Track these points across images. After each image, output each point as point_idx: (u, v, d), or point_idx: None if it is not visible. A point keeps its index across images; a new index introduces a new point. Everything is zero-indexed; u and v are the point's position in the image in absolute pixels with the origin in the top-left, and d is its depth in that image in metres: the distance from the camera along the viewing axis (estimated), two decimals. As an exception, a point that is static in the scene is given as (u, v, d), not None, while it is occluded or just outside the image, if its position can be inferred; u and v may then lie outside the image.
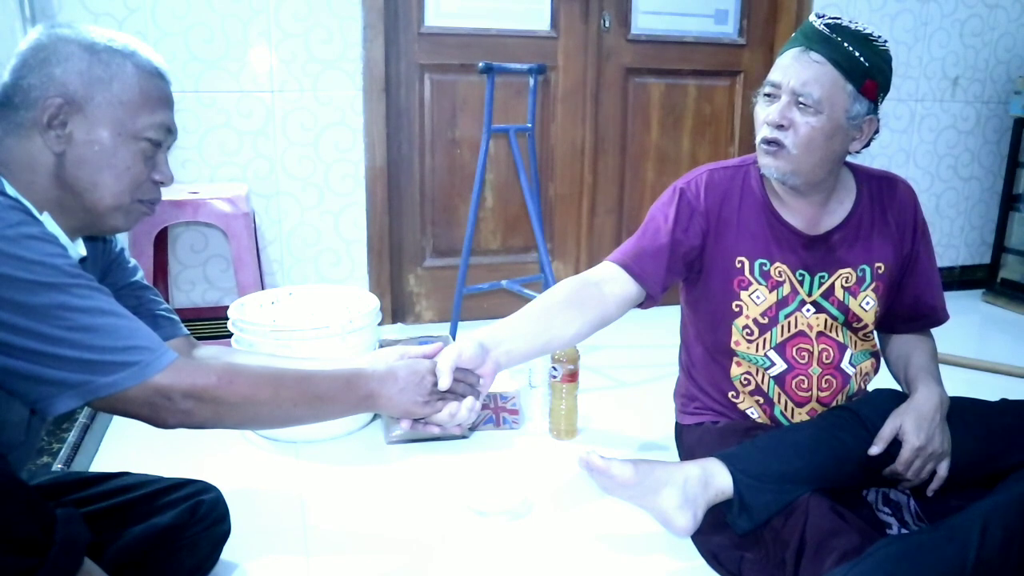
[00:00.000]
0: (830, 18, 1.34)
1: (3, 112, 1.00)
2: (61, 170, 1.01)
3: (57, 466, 1.57)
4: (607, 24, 2.81)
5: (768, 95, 1.36)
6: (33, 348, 0.89)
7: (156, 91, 1.05)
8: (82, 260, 1.10)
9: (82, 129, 1.00)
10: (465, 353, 1.21)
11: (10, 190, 0.97)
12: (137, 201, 1.06)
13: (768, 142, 1.35)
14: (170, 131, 1.08)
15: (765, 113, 1.36)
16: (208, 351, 1.29)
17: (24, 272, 0.89)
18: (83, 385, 0.92)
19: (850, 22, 1.33)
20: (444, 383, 1.17)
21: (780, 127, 1.33)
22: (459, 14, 2.67)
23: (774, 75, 1.36)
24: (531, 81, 2.35)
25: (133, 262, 1.25)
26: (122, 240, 1.21)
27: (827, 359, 1.45)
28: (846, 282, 1.46)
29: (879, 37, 1.33)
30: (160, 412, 0.98)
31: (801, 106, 1.32)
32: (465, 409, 1.19)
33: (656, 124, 2.96)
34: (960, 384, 1.66)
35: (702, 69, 2.96)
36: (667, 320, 1.75)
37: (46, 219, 1.01)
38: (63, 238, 1.03)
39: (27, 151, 1.00)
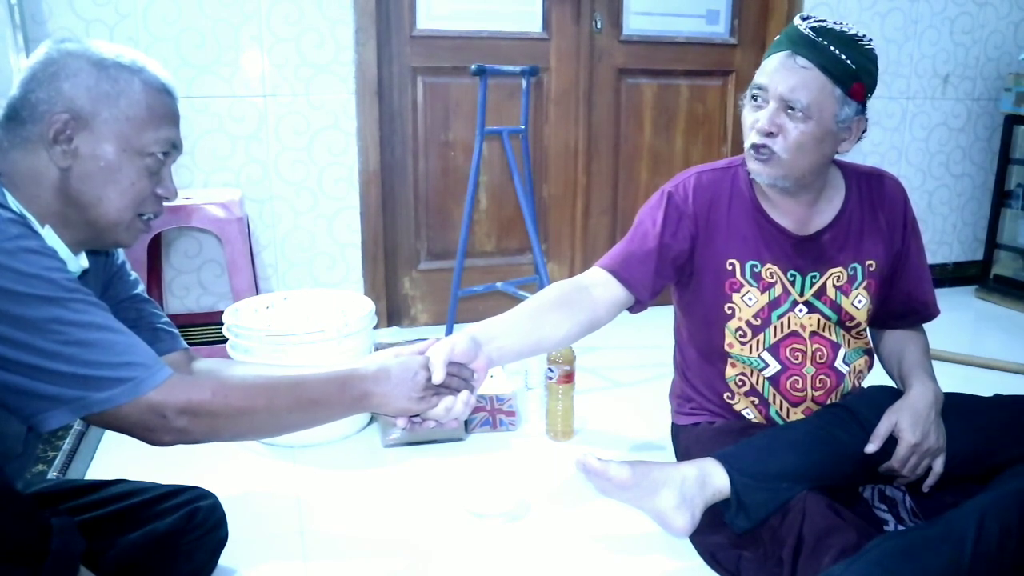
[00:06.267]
0: (815, 21, 1.33)
1: (10, 126, 1.00)
2: (66, 184, 1.01)
3: (53, 474, 1.56)
4: (599, 25, 2.81)
5: (755, 99, 1.36)
6: (28, 362, 0.89)
7: (163, 107, 1.06)
8: (84, 273, 1.10)
9: (88, 144, 1.01)
10: (458, 347, 1.22)
11: (13, 203, 0.98)
12: (139, 216, 1.07)
13: (757, 148, 1.35)
14: (175, 146, 1.09)
15: (753, 118, 1.36)
16: (208, 364, 1.29)
17: (21, 285, 0.89)
18: (77, 400, 0.92)
19: (835, 23, 1.32)
20: (438, 377, 1.17)
21: (769, 134, 1.33)
22: (451, 16, 2.68)
23: (760, 79, 1.35)
24: (524, 83, 2.35)
25: (134, 275, 1.25)
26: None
27: (821, 358, 1.46)
28: (838, 281, 1.46)
29: (864, 36, 1.33)
30: (155, 429, 0.98)
31: (789, 112, 1.32)
32: (460, 403, 1.18)
33: (649, 124, 2.97)
34: (954, 380, 1.67)
35: (694, 69, 2.97)
36: (662, 320, 1.75)
37: (47, 232, 1.01)
38: (64, 252, 1.03)
39: (32, 165, 1.00)
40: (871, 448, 1.34)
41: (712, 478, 1.31)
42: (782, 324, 1.45)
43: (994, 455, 1.34)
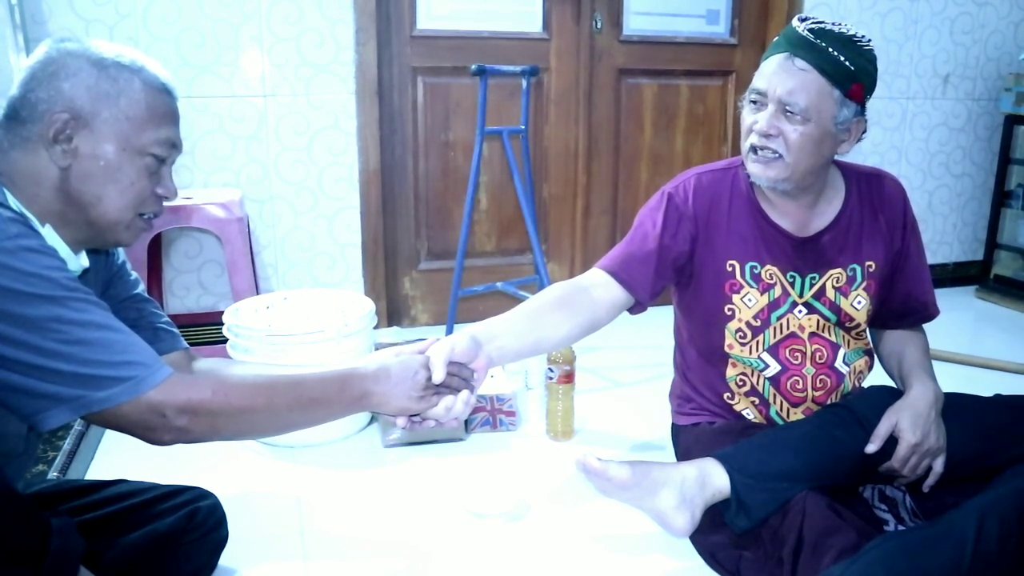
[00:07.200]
0: (813, 22, 1.32)
1: (10, 125, 1.01)
2: (66, 184, 1.01)
3: (53, 474, 1.56)
4: (599, 25, 2.81)
5: (754, 102, 1.36)
6: (28, 361, 0.89)
7: (163, 107, 1.06)
8: (84, 272, 1.10)
9: (88, 144, 1.01)
10: (458, 347, 1.22)
11: (13, 202, 0.98)
12: (140, 216, 1.07)
13: (757, 150, 1.35)
14: (175, 146, 1.09)
15: (752, 120, 1.35)
16: (208, 363, 1.29)
17: (21, 284, 0.89)
18: (77, 400, 0.92)
19: (833, 24, 1.32)
20: (438, 376, 1.17)
21: (768, 136, 1.33)
22: (451, 16, 2.68)
23: (759, 82, 1.35)
24: (524, 83, 2.35)
25: (135, 275, 1.25)
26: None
27: (820, 359, 1.46)
28: (837, 282, 1.46)
29: (863, 37, 1.33)
30: (155, 429, 0.98)
31: (788, 114, 1.31)
32: (461, 402, 1.19)
33: (649, 125, 2.97)
34: (954, 380, 1.67)
35: (694, 69, 2.97)
36: (663, 320, 1.75)
37: (47, 231, 1.01)
38: (64, 251, 1.03)
39: (32, 164, 1.00)
40: (871, 448, 1.34)
41: (712, 478, 1.31)
42: (781, 325, 1.45)
43: (994, 455, 1.34)
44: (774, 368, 1.46)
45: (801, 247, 1.45)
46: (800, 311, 1.45)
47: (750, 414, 1.50)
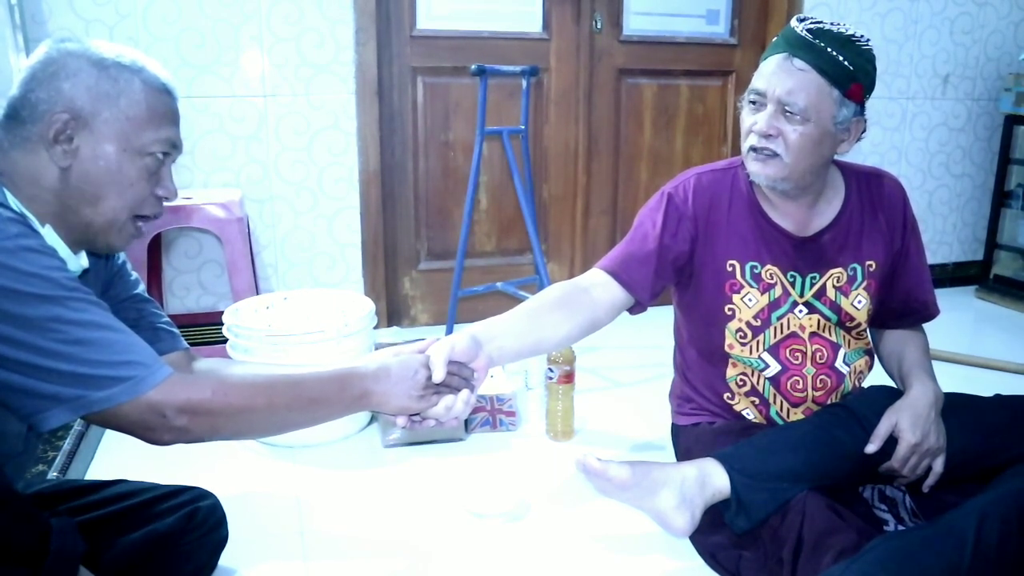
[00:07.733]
0: (812, 22, 1.32)
1: (10, 125, 1.01)
2: (65, 184, 1.01)
3: (53, 474, 1.56)
4: (599, 25, 2.81)
5: (753, 102, 1.36)
6: (27, 361, 0.89)
7: (163, 107, 1.06)
8: (84, 272, 1.10)
9: (88, 144, 1.01)
10: (458, 346, 1.22)
11: (13, 202, 0.98)
12: (136, 217, 1.07)
13: (757, 150, 1.35)
14: (175, 146, 1.09)
15: (751, 121, 1.35)
16: (208, 364, 1.29)
17: (21, 284, 0.89)
18: (76, 400, 0.92)
19: (832, 24, 1.32)
20: (438, 375, 1.17)
21: (768, 136, 1.33)
22: (451, 16, 2.68)
23: (758, 83, 1.35)
24: (524, 83, 2.35)
25: (135, 275, 1.25)
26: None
27: (821, 359, 1.46)
28: (837, 282, 1.46)
29: (861, 37, 1.33)
30: (155, 429, 0.98)
31: (787, 114, 1.31)
32: (461, 402, 1.19)
33: (649, 125, 2.97)
34: (954, 380, 1.67)
35: (694, 69, 2.97)
36: (663, 320, 1.75)
37: (47, 232, 1.01)
38: (64, 251, 1.03)
39: (32, 164, 1.00)
40: (871, 448, 1.34)
41: (712, 478, 1.31)
42: (782, 325, 1.45)
43: (994, 455, 1.34)
44: (774, 368, 1.46)
45: (801, 247, 1.45)
46: (800, 311, 1.45)
47: (750, 414, 1.50)
